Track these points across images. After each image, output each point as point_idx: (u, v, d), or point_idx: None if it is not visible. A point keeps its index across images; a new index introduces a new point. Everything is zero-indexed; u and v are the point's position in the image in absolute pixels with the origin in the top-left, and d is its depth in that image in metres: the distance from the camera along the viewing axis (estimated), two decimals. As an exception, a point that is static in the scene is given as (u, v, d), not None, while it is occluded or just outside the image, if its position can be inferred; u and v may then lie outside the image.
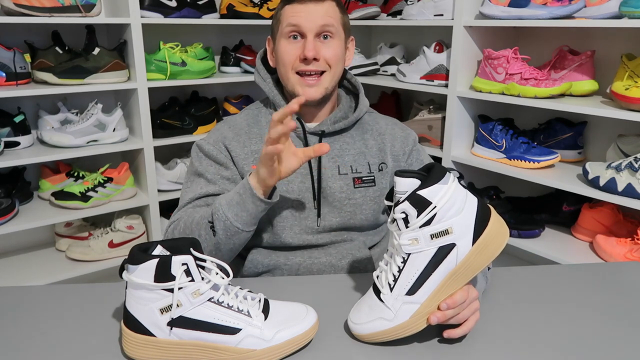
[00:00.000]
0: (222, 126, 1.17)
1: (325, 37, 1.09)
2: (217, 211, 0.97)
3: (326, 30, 1.08)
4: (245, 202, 0.95)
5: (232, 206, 0.96)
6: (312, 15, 1.07)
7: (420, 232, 0.76)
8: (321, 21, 1.07)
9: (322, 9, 1.08)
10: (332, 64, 1.10)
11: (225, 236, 0.97)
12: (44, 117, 2.02)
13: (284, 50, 1.10)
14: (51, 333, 0.84)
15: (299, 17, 1.07)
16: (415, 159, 1.20)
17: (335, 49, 1.10)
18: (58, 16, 1.81)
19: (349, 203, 1.13)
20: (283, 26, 1.09)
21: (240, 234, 0.98)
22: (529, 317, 0.89)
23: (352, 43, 1.18)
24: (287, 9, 1.09)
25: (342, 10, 1.13)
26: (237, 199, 0.96)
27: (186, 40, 2.34)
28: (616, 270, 1.07)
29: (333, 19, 1.09)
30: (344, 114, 1.17)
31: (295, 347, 0.78)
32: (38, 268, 2.00)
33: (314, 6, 1.07)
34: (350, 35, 1.17)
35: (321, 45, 1.08)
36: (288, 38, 1.09)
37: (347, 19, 1.15)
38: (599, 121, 1.93)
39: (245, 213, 0.96)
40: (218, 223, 0.97)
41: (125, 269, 0.75)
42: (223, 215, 0.96)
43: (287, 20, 1.08)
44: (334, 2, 1.11)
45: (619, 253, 1.63)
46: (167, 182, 2.19)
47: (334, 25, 1.09)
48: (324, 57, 1.09)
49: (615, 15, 1.63)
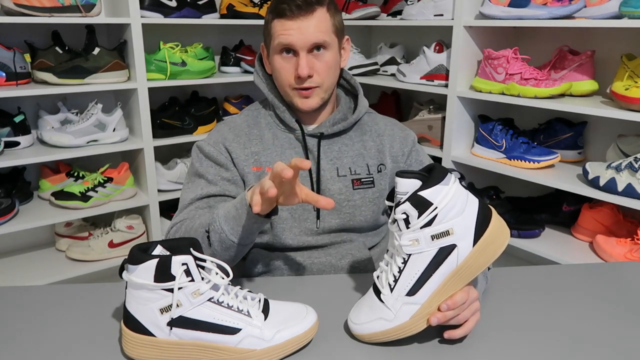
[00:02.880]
0: (222, 127, 1.17)
1: (318, 50, 1.07)
2: (213, 222, 0.94)
3: (319, 45, 1.06)
4: (241, 217, 0.92)
5: (229, 220, 0.93)
6: (303, 33, 1.04)
7: (421, 233, 0.76)
8: (312, 38, 1.05)
9: (312, 23, 1.04)
10: (325, 77, 1.08)
11: (221, 248, 0.95)
12: (44, 117, 2.02)
13: (279, 67, 1.09)
14: (51, 333, 0.84)
15: (290, 35, 1.04)
16: (415, 160, 1.20)
17: (328, 61, 1.08)
18: (58, 16, 1.81)
19: (348, 205, 1.13)
20: (275, 43, 1.07)
21: (236, 247, 0.95)
22: (529, 317, 0.89)
23: (347, 42, 1.17)
24: (277, 24, 1.06)
25: (334, 12, 1.10)
26: (234, 213, 0.93)
27: (186, 40, 2.34)
28: (616, 270, 1.07)
29: (324, 33, 1.06)
30: (343, 115, 1.17)
31: (295, 347, 0.78)
32: (38, 268, 2.00)
33: (304, 21, 1.04)
34: (344, 35, 1.15)
35: (314, 60, 1.07)
36: (281, 54, 1.08)
37: (340, 20, 1.12)
38: (599, 121, 1.93)
39: (242, 228, 0.93)
40: (214, 235, 0.94)
41: (125, 269, 0.75)
42: (219, 228, 0.93)
43: (278, 38, 1.06)
44: (324, 7, 1.07)
45: (619, 253, 1.63)
46: (167, 182, 2.19)
47: (326, 39, 1.06)
48: (317, 71, 1.07)
49: (615, 15, 1.63)
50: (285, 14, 1.04)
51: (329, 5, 1.08)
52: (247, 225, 0.92)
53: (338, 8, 1.12)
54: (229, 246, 0.95)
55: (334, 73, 1.12)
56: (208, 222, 0.96)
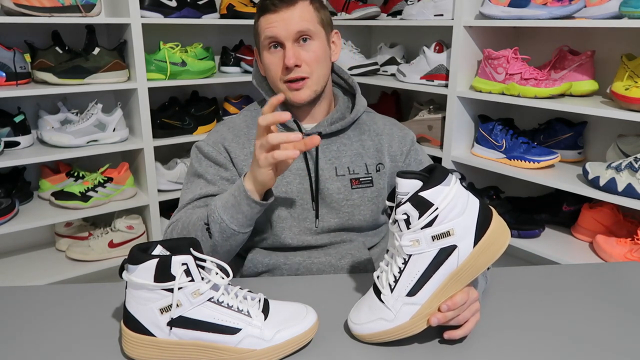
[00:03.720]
0: (221, 127, 1.17)
1: (304, 40, 1.08)
2: (212, 213, 0.96)
3: (303, 34, 1.07)
4: (240, 205, 0.94)
5: (228, 208, 0.95)
6: (286, 23, 1.05)
7: (422, 234, 0.76)
8: (296, 27, 1.06)
9: (295, 14, 1.06)
10: (314, 67, 1.09)
11: (222, 238, 0.97)
12: (44, 117, 2.02)
13: (268, 63, 1.10)
14: (51, 333, 0.84)
15: (274, 27, 1.06)
16: (414, 159, 1.20)
17: (315, 51, 1.09)
18: (58, 16, 1.81)
19: (347, 204, 1.13)
20: (262, 39, 1.09)
21: (237, 235, 0.98)
22: (529, 318, 0.89)
23: (337, 36, 1.17)
24: (262, 20, 1.08)
25: (318, 6, 1.11)
26: (232, 201, 0.95)
27: (186, 40, 2.34)
28: (616, 270, 1.07)
29: (308, 22, 1.07)
30: (341, 114, 1.17)
31: (295, 347, 0.78)
32: (38, 268, 2.00)
33: (286, 12, 1.06)
34: (332, 29, 1.15)
35: (300, 50, 1.08)
36: (269, 49, 1.09)
37: (326, 14, 1.13)
38: (599, 121, 1.93)
39: (241, 215, 0.95)
40: (214, 225, 0.96)
41: (125, 269, 0.75)
42: (219, 218, 0.96)
43: (264, 33, 1.08)
44: (306, 1, 1.08)
45: (619, 253, 1.63)
46: (167, 182, 2.19)
47: (310, 28, 1.07)
48: (305, 61, 1.08)
49: (615, 15, 1.63)
50: (269, 9, 1.07)
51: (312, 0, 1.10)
52: (246, 211, 0.95)
53: (324, 5, 1.13)
54: (230, 235, 0.97)
55: (324, 65, 1.11)
56: (206, 214, 0.98)
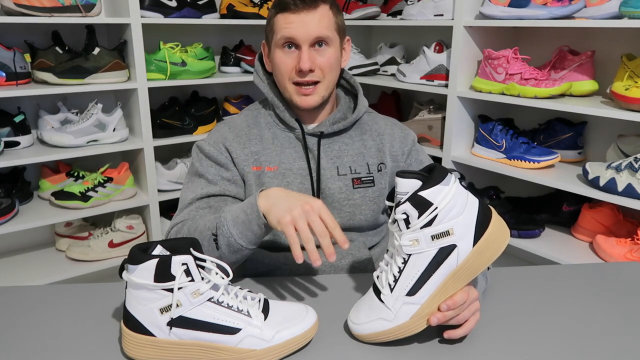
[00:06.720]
0: (222, 127, 1.17)
1: (320, 45, 1.08)
2: (222, 226, 0.94)
3: (321, 40, 1.07)
4: (251, 223, 0.92)
5: (238, 224, 0.93)
6: (306, 26, 1.05)
7: (421, 233, 0.76)
8: (315, 32, 1.05)
9: (315, 18, 1.05)
10: (327, 73, 1.09)
11: (229, 251, 0.96)
12: (44, 117, 2.02)
13: (280, 61, 1.09)
14: (51, 333, 0.84)
15: (293, 28, 1.05)
16: (415, 159, 1.20)
17: (329, 58, 1.09)
18: (58, 16, 1.81)
19: (348, 204, 1.13)
20: (277, 37, 1.08)
21: (244, 251, 0.96)
22: (529, 318, 0.89)
23: (348, 43, 1.18)
24: (280, 17, 1.07)
25: (336, 11, 1.11)
26: (243, 217, 0.93)
27: (186, 40, 2.34)
28: (616, 270, 1.07)
29: (327, 29, 1.07)
30: (343, 114, 1.17)
31: (295, 347, 0.78)
32: (38, 268, 2.00)
33: (307, 15, 1.05)
34: (345, 36, 1.16)
35: (316, 55, 1.08)
36: (283, 48, 1.08)
37: (342, 20, 1.13)
38: (599, 121, 1.93)
39: (250, 233, 0.93)
40: (222, 239, 0.94)
41: (125, 269, 0.75)
42: (228, 232, 0.93)
43: (281, 31, 1.07)
44: (327, 4, 1.08)
45: (619, 253, 1.63)
46: (167, 182, 2.19)
47: (329, 34, 1.07)
48: (319, 66, 1.08)
49: (615, 15, 1.63)
50: (289, 8, 1.05)
51: (332, 4, 1.10)
52: (256, 231, 0.93)
53: (340, 9, 1.14)
54: (237, 249, 0.95)
55: (335, 71, 1.12)
56: (215, 224, 0.96)
